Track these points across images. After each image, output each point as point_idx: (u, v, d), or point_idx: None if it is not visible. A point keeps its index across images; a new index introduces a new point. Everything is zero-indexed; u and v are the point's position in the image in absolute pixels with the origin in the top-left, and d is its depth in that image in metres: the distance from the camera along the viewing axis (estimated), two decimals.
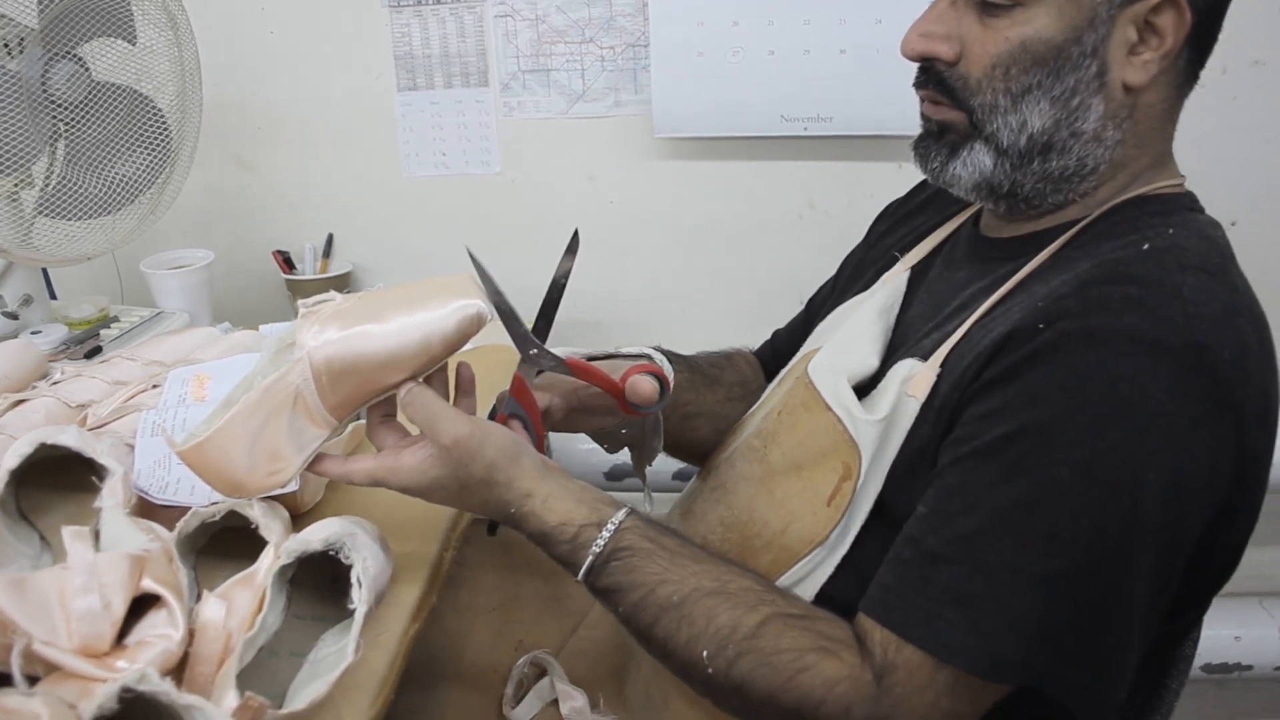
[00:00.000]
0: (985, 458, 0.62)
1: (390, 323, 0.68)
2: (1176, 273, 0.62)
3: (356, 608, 0.66)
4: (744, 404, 1.00)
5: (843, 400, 0.73)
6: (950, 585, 0.61)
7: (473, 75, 1.43)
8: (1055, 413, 0.60)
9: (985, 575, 0.60)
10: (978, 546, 0.61)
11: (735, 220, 1.47)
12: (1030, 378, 0.61)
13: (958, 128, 0.73)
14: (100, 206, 1.11)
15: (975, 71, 0.70)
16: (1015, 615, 0.59)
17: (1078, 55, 0.67)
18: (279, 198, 1.52)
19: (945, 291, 0.78)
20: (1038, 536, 0.59)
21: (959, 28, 0.70)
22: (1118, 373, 0.58)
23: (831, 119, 1.35)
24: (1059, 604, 0.59)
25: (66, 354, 1.14)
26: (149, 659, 0.60)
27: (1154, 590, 0.61)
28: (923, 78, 0.73)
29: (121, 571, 0.63)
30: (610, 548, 0.68)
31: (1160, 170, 0.72)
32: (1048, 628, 0.59)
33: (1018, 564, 0.59)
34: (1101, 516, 0.58)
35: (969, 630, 0.60)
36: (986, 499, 0.61)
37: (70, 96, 1.06)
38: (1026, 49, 0.68)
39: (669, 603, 0.66)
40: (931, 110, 0.74)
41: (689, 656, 0.66)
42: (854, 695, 0.62)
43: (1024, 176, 0.71)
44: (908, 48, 0.73)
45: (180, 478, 0.81)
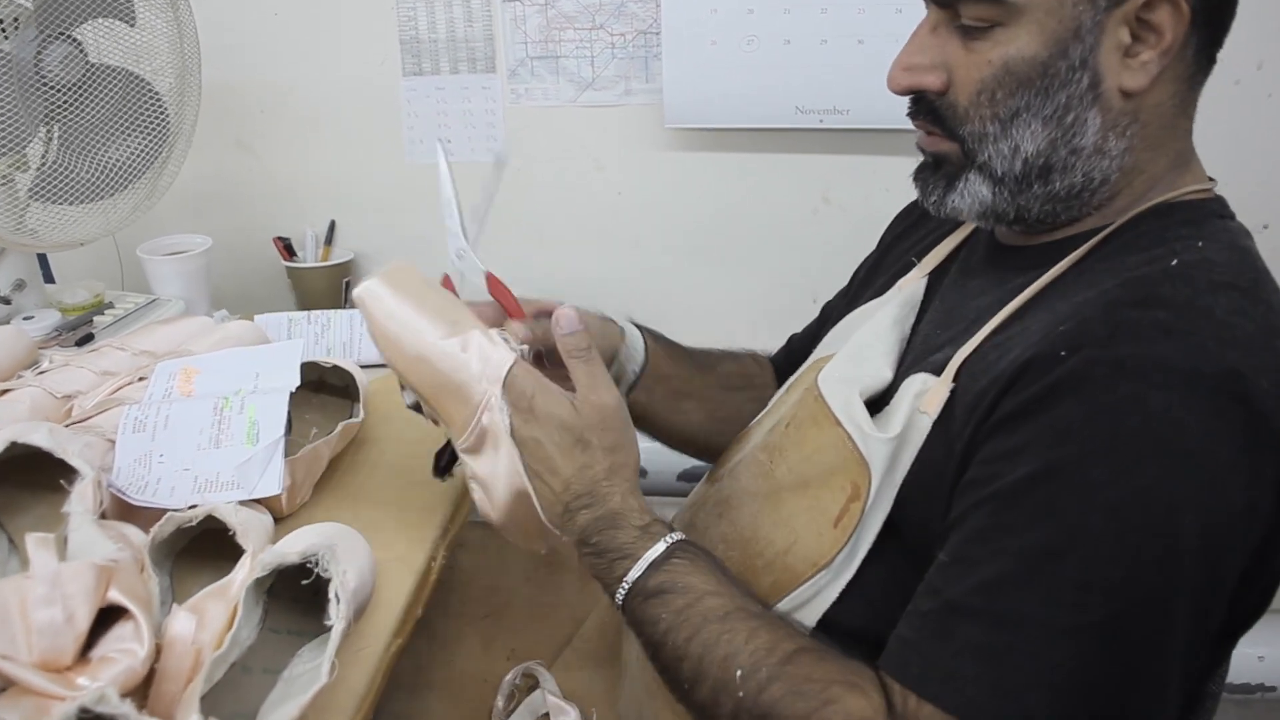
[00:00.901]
0: (1008, 501, 0.58)
1: None
2: (1207, 292, 0.58)
3: (333, 624, 0.63)
4: (744, 395, 0.96)
5: (853, 415, 0.70)
6: (972, 639, 0.57)
7: (480, 61, 1.40)
8: (1085, 451, 0.55)
9: (1010, 629, 0.56)
10: (1002, 597, 0.57)
11: (747, 214, 1.44)
12: (1055, 412, 0.57)
13: (951, 158, 0.69)
14: (94, 191, 1.08)
15: (963, 99, 0.66)
16: (1043, 672, 0.55)
17: (1065, 70, 0.63)
18: (280, 183, 1.49)
19: (958, 301, 0.74)
20: (1068, 586, 0.55)
21: (943, 55, 0.66)
22: (1150, 407, 0.54)
23: (848, 111, 1.31)
24: (1091, 659, 0.55)
25: (58, 340, 1.11)
26: (111, 677, 0.57)
27: (1192, 638, 0.57)
28: (914, 108, 0.70)
29: (86, 582, 0.60)
30: (676, 544, 0.66)
31: (1182, 172, 0.68)
32: (1078, 685, 0.55)
33: (1046, 616, 0.55)
34: (1137, 563, 0.54)
35: (992, 688, 0.56)
36: (1011, 546, 0.57)
37: (65, 78, 1.03)
38: (1010, 71, 0.64)
39: (712, 614, 0.63)
40: (926, 141, 0.71)
41: (724, 675, 0.61)
42: None
43: (1028, 201, 0.67)
44: (893, 83, 0.69)
45: (160, 477, 0.78)
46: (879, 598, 0.66)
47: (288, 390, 0.85)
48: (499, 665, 0.91)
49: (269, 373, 0.90)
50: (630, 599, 0.65)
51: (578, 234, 1.47)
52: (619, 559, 0.66)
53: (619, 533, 0.66)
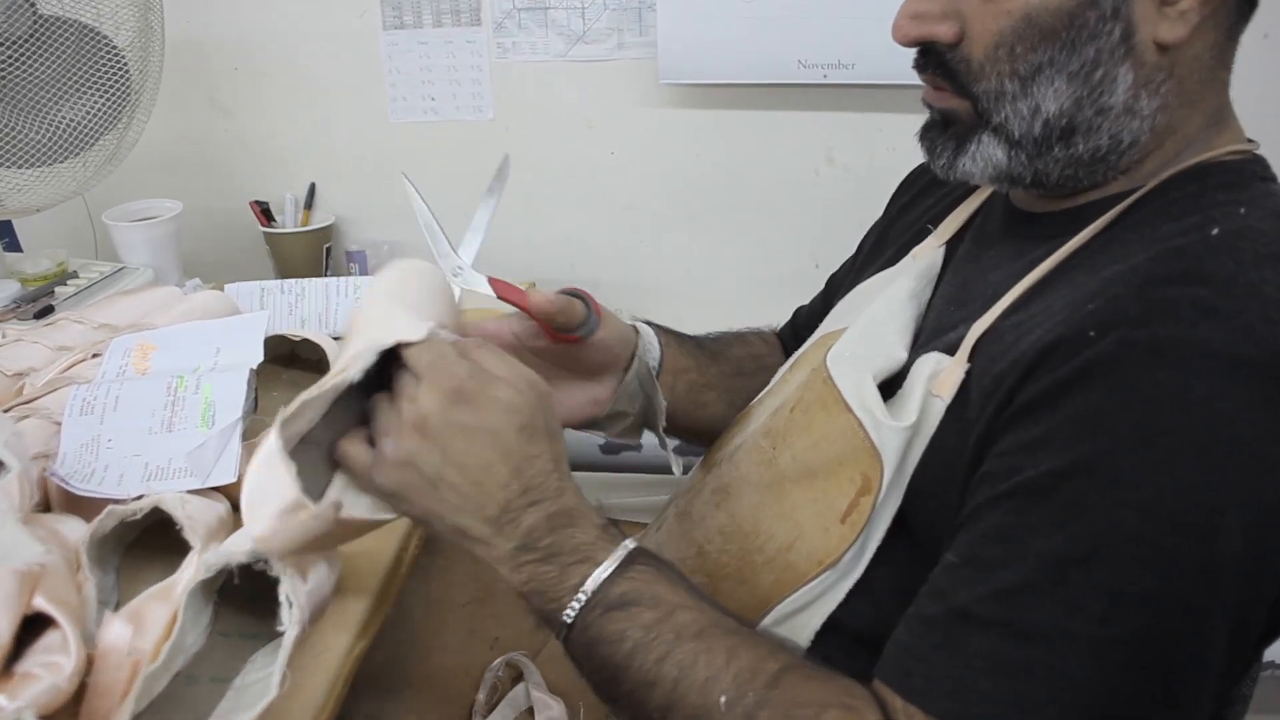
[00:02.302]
0: (1031, 498, 0.52)
1: None
2: (1253, 266, 0.51)
3: (286, 631, 0.58)
4: (759, 380, 0.90)
5: (866, 401, 0.63)
6: (986, 651, 0.51)
7: (464, 13, 1.32)
8: (1117, 445, 0.49)
9: (1029, 640, 0.50)
10: (1021, 606, 0.51)
11: (746, 174, 1.38)
12: (1084, 400, 0.51)
13: (962, 117, 0.62)
14: (47, 154, 1.02)
15: (977, 53, 0.59)
16: (1066, 690, 0.50)
17: (1095, 21, 0.56)
18: (257, 144, 1.42)
19: (973, 273, 0.68)
20: (1096, 596, 0.49)
21: (956, 2, 0.60)
22: (1190, 395, 0.48)
23: (853, 66, 1.25)
24: (1120, 677, 0.50)
25: (15, 313, 1.06)
26: (32, 696, 0.52)
27: (1231, 645, 0.52)
28: (922, 60, 0.63)
29: (8, 589, 0.54)
30: (638, 550, 0.57)
31: (1220, 130, 0.61)
32: (1105, 701, 0.50)
33: (1070, 628, 0.50)
34: (1173, 569, 0.49)
35: (1010, 706, 0.50)
36: (1031, 549, 0.51)
37: (10, 32, 0.96)
38: (1032, 22, 0.57)
39: (686, 631, 0.55)
40: (933, 96, 0.64)
41: (705, 701, 0.54)
42: None
43: (1047, 165, 0.61)
44: (899, 33, 0.62)
45: (108, 464, 0.73)
46: (887, 598, 0.60)
47: (249, 367, 0.79)
48: (481, 656, 0.86)
49: (231, 348, 0.84)
50: (587, 613, 0.56)
51: (568, 196, 1.41)
52: (575, 563, 0.56)
53: (577, 531, 0.57)
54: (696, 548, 0.72)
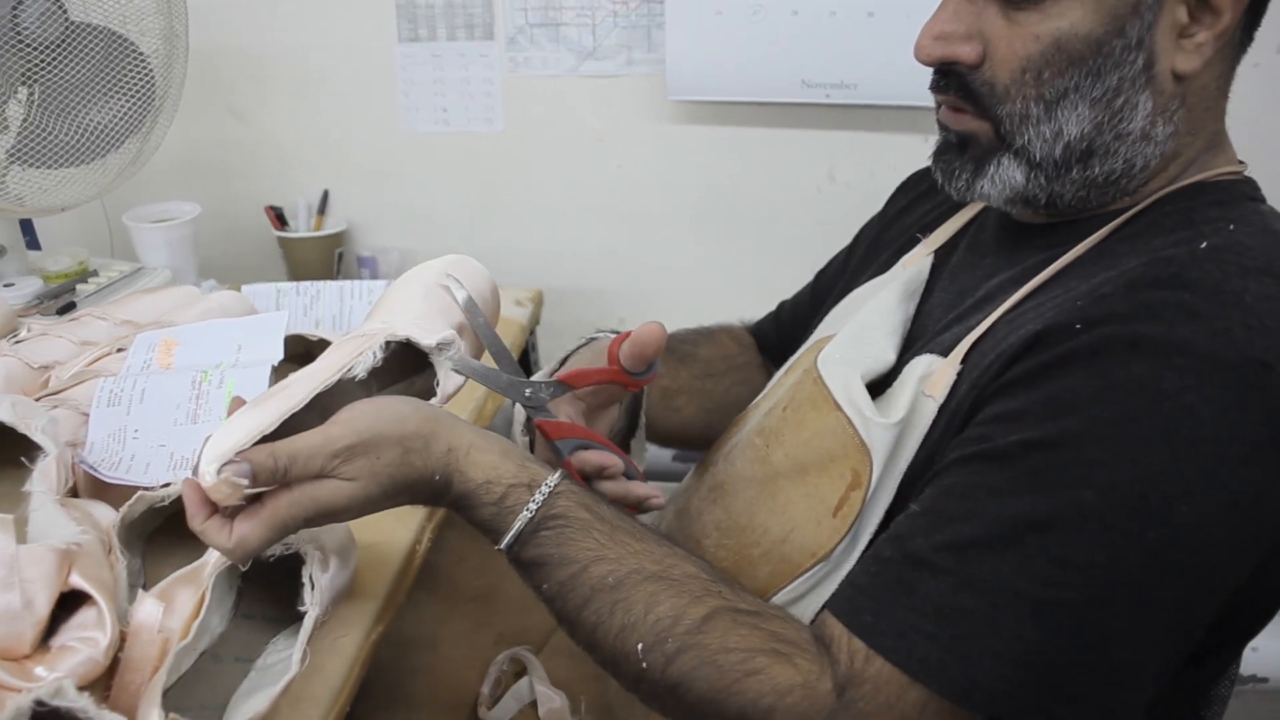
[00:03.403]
0: (997, 462, 0.55)
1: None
2: (1238, 277, 0.55)
3: (307, 611, 0.61)
4: (728, 379, 0.93)
5: (854, 399, 0.66)
6: (933, 596, 0.54)
7: (477, 28, 1.36)
8: (1086, 426, 0.53)
9: (976, 592, 0.54)
10: (972, 559, 0.54)
11: (750, 189, 1.40)
12: (1062, 383, 0.54)
13: (982, 140, 0.64)
14: (75, 155, 1.05)
15: (1003, 76, 0.61)
16: (1004, 641, 0.53)
17: (1120, 49, 0.59)
18: (272, 150, 1.45)
19: (969, 280, 0.71)
20: (1045, 560, 0.53)
21: (980, 23, 0.62)
22: (1163, 389, 0.51)
23: (856, 86, 1.27)
24: (1056, 636, 0.53)
25: (39, 309, 1.08)
26: (70, 667, 0.55)
27: (1176, 633, 0.55)
28: (942, 81, 0.65)
29: (47, 566, 0.57)
30: (542, 514, 0.59)
31: (1216, 153, 0.64)
32: (1040, 660, 0.53)
33: (1016, 586, 0.53)
34: (1121, 550, 0.52)
35: (948, 649, 0.53)
36: (991, 508, 0.54)
37: (43, 36, 0.99)
38: (1061, 48, 0.59)
39: (603, 584, 0.58)
40: (951, 119, 0.66)
41: (620, 648, 0.58)
42: (808, 706, 0.55)
43: (1062, 186, 0.63)
44: (923, 52, 0.64)
45: (134, 453, 0.75)
46: None
47: (270, 364, 0.82)
48: (486, 650, 0.88)
49: (251, 345, 0.87)
50: (511, 564, 0.60)
51: (576, 207, 1.44)
52: (487, 533, 0.60)
53: (475, 513, 0.60)
54: (694, 543, 0.74)
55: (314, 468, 0.55)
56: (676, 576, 0.59)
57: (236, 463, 0.53)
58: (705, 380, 0.90)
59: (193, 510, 0.55)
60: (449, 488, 0.60)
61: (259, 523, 0.55)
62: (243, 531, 0.54)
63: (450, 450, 0.59)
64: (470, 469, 0.60)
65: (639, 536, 0.61)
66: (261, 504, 0.55)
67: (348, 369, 0.63)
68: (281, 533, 0.55)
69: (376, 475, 0.57)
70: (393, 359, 0.68)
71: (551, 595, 0.60)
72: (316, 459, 0.55)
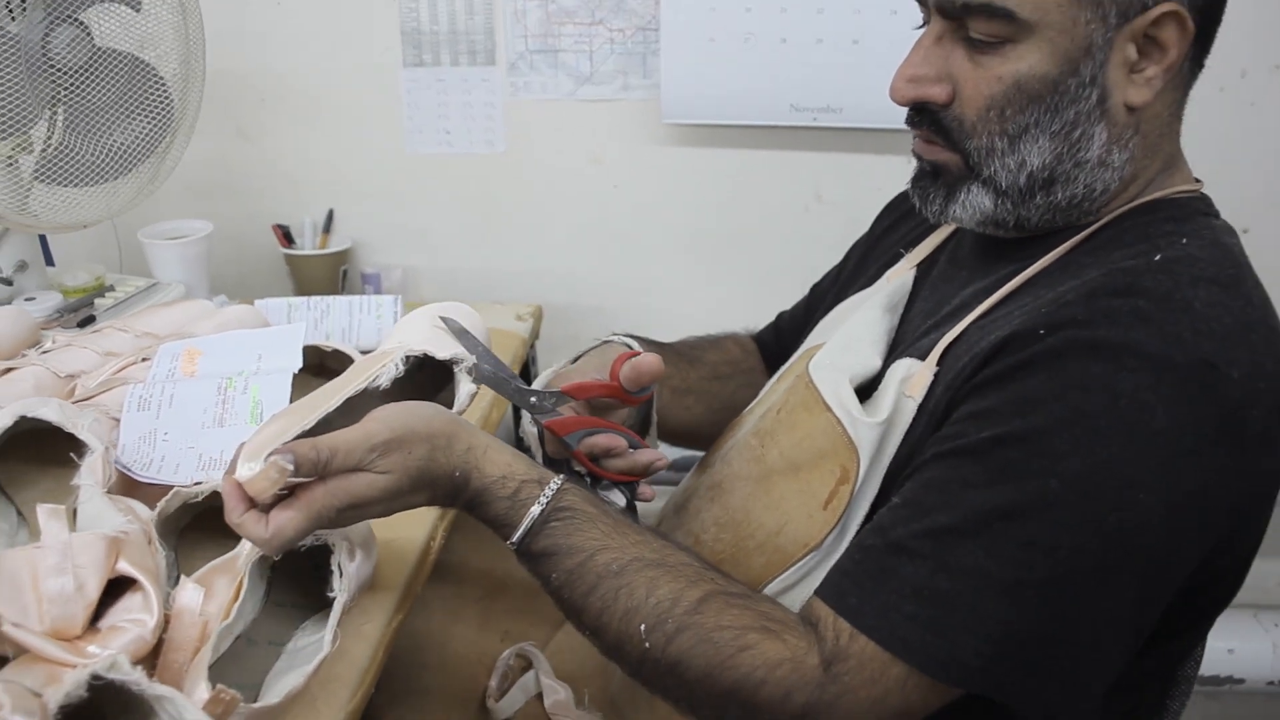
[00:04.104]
0: (969, 457, 0.60)
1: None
2: (1188, 286, 0.60)
3: (336, 597, 0.65)
4: (735, 382, 0.98)
5: (843, 401, 0.72)
6: (913, 579, 0.59)
7: (480, 53, 1.41)
8: (1050, 422, 0.58)
9: (951, 575, 0.58)
10: (947, 545, 0.59)
11: (741, 209, 1.46)
12: (1027, 383, 0.59)
13: (952, 169, 0.70)
14: (98, 174, 1.09)
15: (970, 113, 0.67)
16: (978, 620, 0.58)
17: (1076, 87, 0.64)
18: (280, 171, 1.50)
19: (947, 291, 0.77)
20: (1014, 544, 0.58)
21: (948, 66, 0.67)
22: (1120, 387, 0.57)
23: (842, 110, 1.33)
24: (1026, 614, 0.58)
25: (59, 322, 1.12)
26: (121, 645, 0.59)
27: (1137, 612, 0.60)
28: (916, 117, 0.70)
29: (97, 553, 0.61)
30: (552, 506, 0.64)
31: (1172, 173, 0.70)
32: (1011, 637, 0.58)
33: (988, 569, 0.58)
34: (1084, 533, 0.57)
35: (927, 628, 0.58)
36: (964, 499, 0.59)
37: (71, 61, 1.04)
38: (1021, 88, 0.65)
39: (608, 570, 0.63)
40: (925, 150, 0.71)
41: (625, 629, 0.63)
42: (796, 679, 0.60)
43: (1028, 211, 0.69)
44: (897, 94, 0.69)
45: (165, 455, 0.80)
46: None
47: (290, 371, 0.87)
48: (493, 646, 0.92)
49: (271, 354, 0.91)
50: (520, 557, 0.65)
51: (573, 226, 1.49)
52: (499, 528, 0.65)
53: (489, 508, 0.65)
54: (694, 538, 0.79)
55: (353, 460, 0.60)
56: (673, 564, 0.64)
57: (282, 452, 0.58)
58: (713, 383, 0.96)
59: (231, 504, 0.60)
60: (467, 483, 0.64)
61: (296, 513, 0.59)
62: (280, 521, 0.59)
63: (470, 449, 0.65)
64: (487, 466, 0.65)
65: (637, 530, 0.66)
66: (297, 496, 0.60)
67: (374, 378, 0.68)
68: (316, 523, 0.60)
69: (407, 469, 0.62)
70: (407, 381, 0.73)
71: (560, 584, 0.65)
72: (355, 452, 0.60)
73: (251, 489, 0.59)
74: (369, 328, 1.16)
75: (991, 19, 0.63)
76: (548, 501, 0.64)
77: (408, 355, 0.72)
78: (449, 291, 1.52)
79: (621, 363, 0.78)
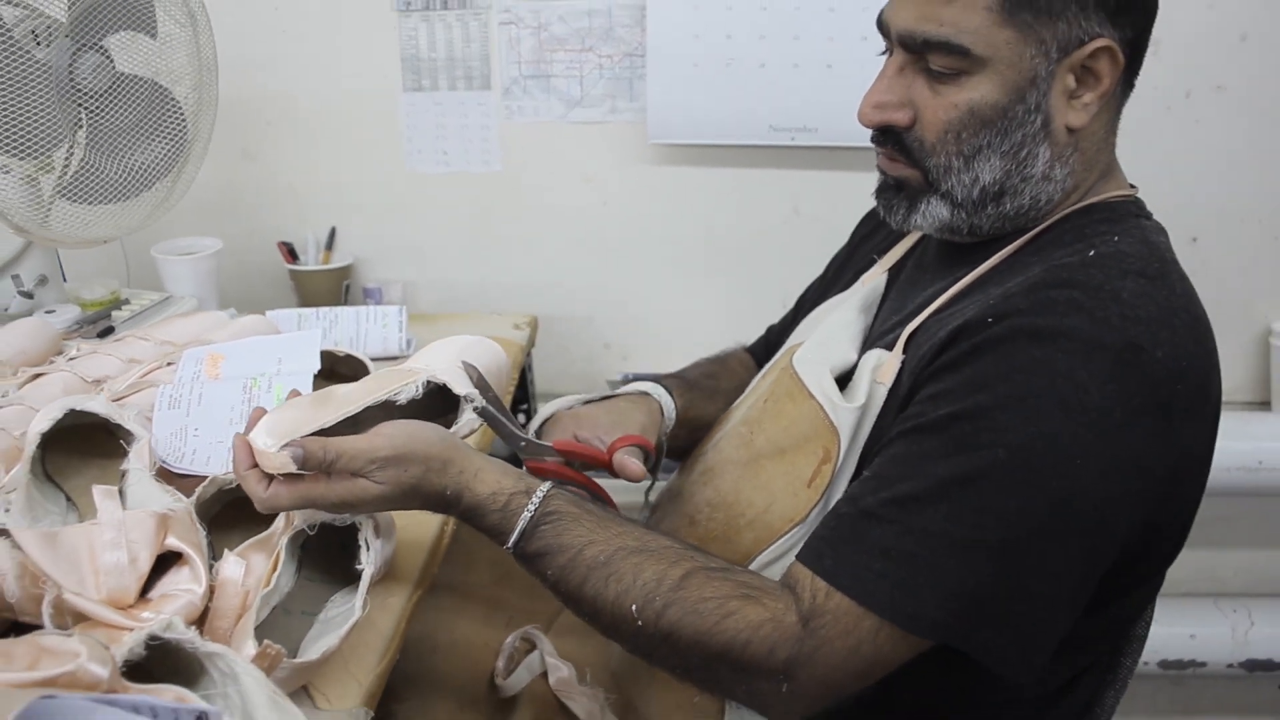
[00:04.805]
0: (928, 433, 0.68)
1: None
2: (1117, 278, 0.68)
3: (364, 568, 0.71)
4: None
5: (825, 389, 0.79)
6: (881, 542, 0.66)
7: (476, 79, 1.48)
8: (997, 400, 0.65)
9: (915, 537, 0.65)
10: (911, 510, 0.66)
11: (724, 223, 1.53)
12: (977, 366, 0.67)
13: (913, 183, 0.78)
14: (119, 192, 1.16)
15: (930, 136, 0.75)
16: (940, 576, 0.65)
17: (1023, 113, 0.72)
18: (284, 190, 1.56)
19: (912, 293, 0.84)
20: (969, 508, 0.64)
21: (910, 93, 0.75)
22: (1057, 368, 0.64)
23: (817, 130, 1.41)
24: (982, 571, 0.64)
25: (79, 333, 1.18)
26: (174, 610, 0.65)
27: (1082, 568, 0.66)
28: (881, 137, 0.78)
29: (148, 529, 0.68)
30: (540, 512, 0.71)
31: (1108, 180, 0.78)
32: (969, 591, 0.65)
33: (947, 530, 0.65)
34: (1030, 496, 0.64)
35: (895, 584, 0.65)
36: (925, 469, 0.66)
37: (95, 85, 1.10)
38: (975, 114, 0.72)
39: (595, 561, 0.70)
40: (888, 166, 0.79)
41: (618, 611, 0.69)
42: (778, 636, 0.66)
43: (980, 220, 0.77)
44: (864, 119, 0.77)
45: (196, 449, 0.86)
46: None
47: (310, 373, 0.93)
48: (499, 632, 0.98)
49: (290, 358, 0.97)
50: (517, 559, 0.72)
51: (565, 241, 1.56)
52: (494, 537, 0.72)
53: (483, 520, 0.72)
54: (688, 519, 0.86)
55: (354, 467, 0.68)
56: (654, 548, 0.71)
57: (295, 446, 0.66)
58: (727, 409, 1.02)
59: (240, 457, 0.69)
60: (459, 500, 0.72)
61: (293, 492, 0.68)
62: (278, 493, 0.68)
63: (462, 472, 0.72)
64: (478, 486, 0.72)
65: (620, 523, 0.73)
66: (300, 479, 0.68)
67: (395, 392, 0.75)
68: (308, 506, 0.69)
69: (400, 484, 0.69)
70: (421, 399, 0.79)
71: (555, 580, 0.71)
72: (358, 460, 0.68)
73: (261, 462, 0.68)
74: (375, 337, 1.23)
75: (949, 54, 0.71)
76: (535, 509, 0.71)
77: (429, 381, 0.78)
78: (447, 305, 1.58)
79: (621, 444, 0.84)
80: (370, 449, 0.69)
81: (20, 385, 0.96)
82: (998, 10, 0.69)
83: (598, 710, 0.88)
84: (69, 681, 0.53)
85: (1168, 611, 1.52)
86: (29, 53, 1.04)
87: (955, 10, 0.70)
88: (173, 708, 0.51)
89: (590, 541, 0.71)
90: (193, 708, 0.52)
